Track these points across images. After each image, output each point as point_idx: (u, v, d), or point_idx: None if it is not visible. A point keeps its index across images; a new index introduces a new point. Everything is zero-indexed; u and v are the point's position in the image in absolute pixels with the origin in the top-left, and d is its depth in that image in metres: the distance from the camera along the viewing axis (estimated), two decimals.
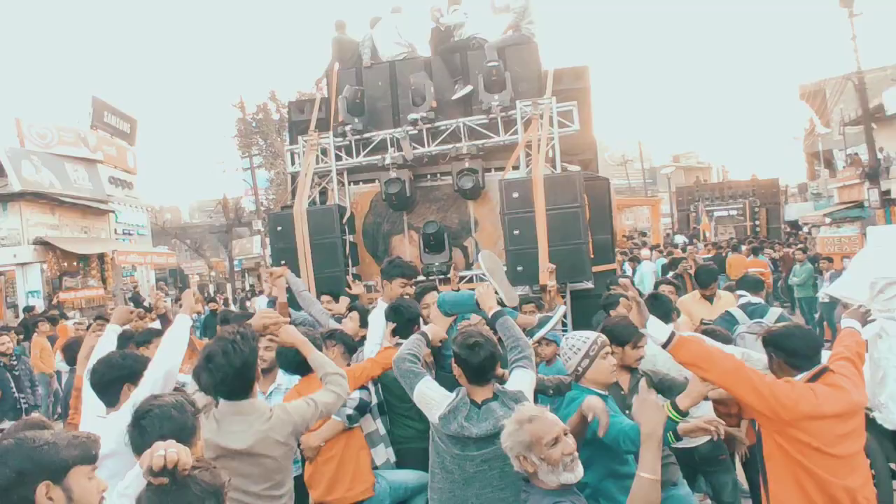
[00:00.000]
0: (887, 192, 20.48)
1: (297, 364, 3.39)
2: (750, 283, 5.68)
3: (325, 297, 5.95)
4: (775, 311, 5.37)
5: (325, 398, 2.86)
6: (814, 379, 2.63)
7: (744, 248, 16.21)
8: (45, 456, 1.67)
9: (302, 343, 3.08)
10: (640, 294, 3.41)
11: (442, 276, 7.12)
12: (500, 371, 3.05)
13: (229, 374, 2.56)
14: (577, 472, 2.21)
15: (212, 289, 29.54)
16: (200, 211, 44.55)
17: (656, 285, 6.65)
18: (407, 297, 4.25)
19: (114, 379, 2.82)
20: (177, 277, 33.63)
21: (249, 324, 3.04)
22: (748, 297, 5.49)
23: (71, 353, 5.46)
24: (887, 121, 22.43)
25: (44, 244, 17.11)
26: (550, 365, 4.41)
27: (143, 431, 2.05)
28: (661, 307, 3.87)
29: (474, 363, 2.78)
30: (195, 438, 2.13)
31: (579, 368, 3.02)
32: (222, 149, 60.22)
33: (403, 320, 3.83)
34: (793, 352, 2.73)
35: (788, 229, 27.63)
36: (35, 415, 4.27)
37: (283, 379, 3.86)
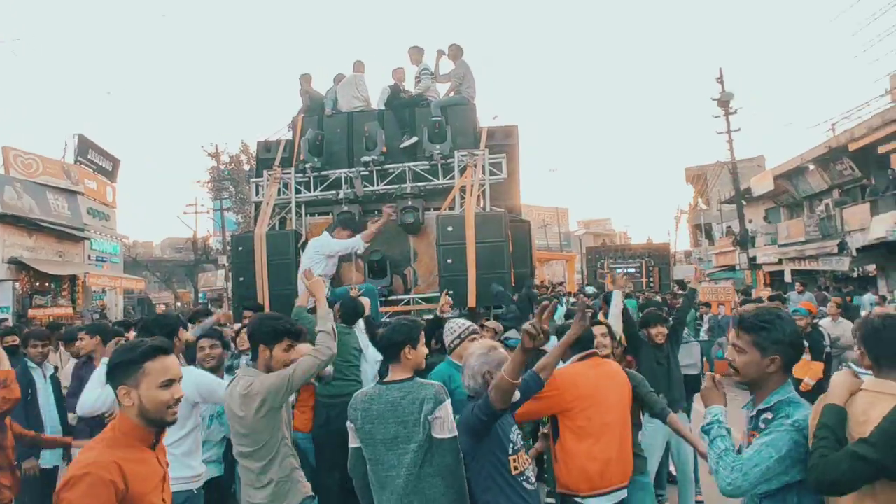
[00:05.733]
0: (753, 258, 21.68)
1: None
2: None
3: (247, 313, 5.65)
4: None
5: (303, 364, 2.86)
6: (583, 359, 3.15)
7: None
8: None
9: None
10: None
11: (383, 298, 6.97)
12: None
13: None
14: None
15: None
16: (172, 248, 42.84)
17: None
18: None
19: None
20: (144, 306, 32.00)
21: None
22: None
23: None
24: (754, 201, 23.93)
25: (18, 264, 15.98)
26: None
27: None
28: None
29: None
30: None
31: (451, 345, 3.52)
32: (196, 191, 58.71)
33: None
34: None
35: (676, 287, 28.67)
36: None
37: None
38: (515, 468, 2.51)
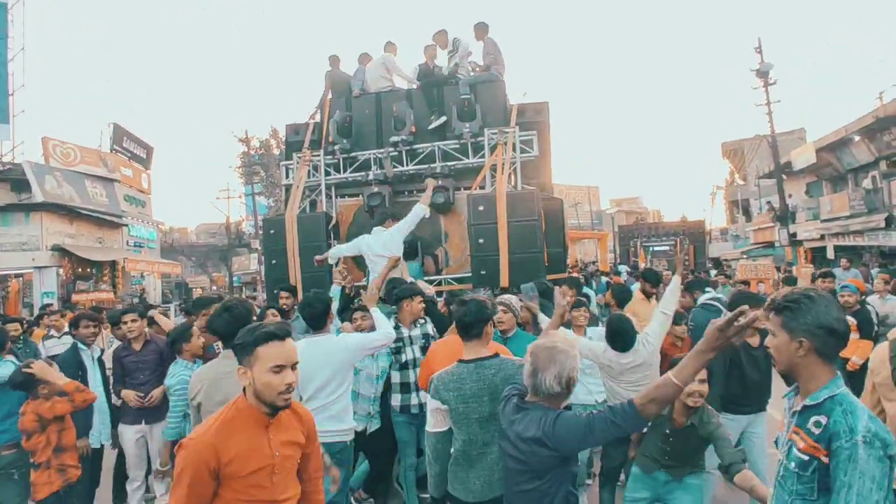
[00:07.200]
0: (794, 235, 21.01)
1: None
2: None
3: (283, 294, 5.77)
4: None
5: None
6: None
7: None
8: None
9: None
10: None
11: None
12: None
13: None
14: None
15: None
16: (206, 233, 43.79)
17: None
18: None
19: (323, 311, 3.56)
20: (181, 290, 32.82)
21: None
22: (712, 292, 5.68)
23: None
24: (795, 175, 23.12)
25: (61, 251, 16.53)
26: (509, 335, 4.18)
27: None
28: None
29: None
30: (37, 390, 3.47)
31: None
32: (228, 176, 59.90)
33: None
34: None
35: (711, 265, 28.04)
36: None
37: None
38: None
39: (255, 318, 3.30)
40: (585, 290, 9.46)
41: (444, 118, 7.39)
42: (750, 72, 19.70)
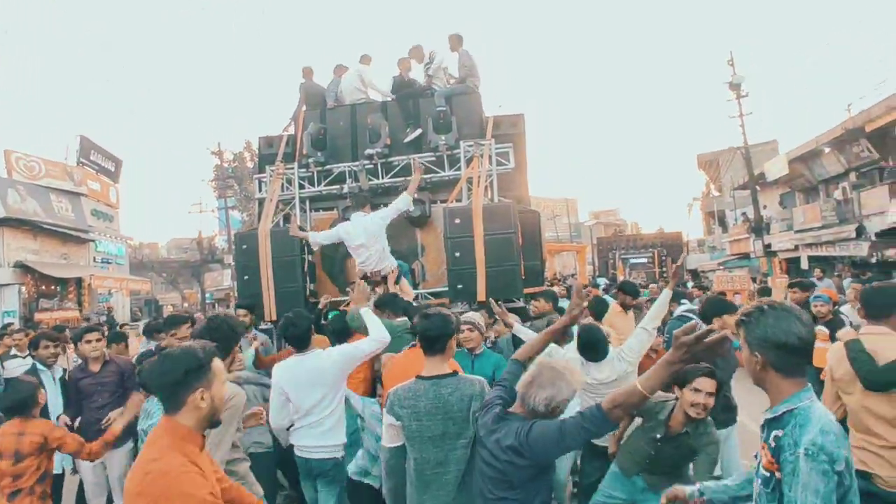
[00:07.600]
0: (769, 246, 21.45)
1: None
2: None
3: (240, 311, 5.68)
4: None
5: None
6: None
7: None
8: None
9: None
10: None
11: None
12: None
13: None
14: None
15: None
16: (178, 248, 43.07)
17: None
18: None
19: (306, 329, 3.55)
20: (151, 308, 32.17)
21: None
22: (688, 304, 5.70)
23: None
24: (768, 186, 23.65)
25: (23, 267, 16.08)
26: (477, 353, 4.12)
27: None
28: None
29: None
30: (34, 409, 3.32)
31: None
32: (200, 191, 59.18)
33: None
34: None
35: (689, 277, 28.48)
36: None
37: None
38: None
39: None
40: (564, 303, 9.46)
41: (419, 130, 7.39)
42: (723, 84, 20.21)
